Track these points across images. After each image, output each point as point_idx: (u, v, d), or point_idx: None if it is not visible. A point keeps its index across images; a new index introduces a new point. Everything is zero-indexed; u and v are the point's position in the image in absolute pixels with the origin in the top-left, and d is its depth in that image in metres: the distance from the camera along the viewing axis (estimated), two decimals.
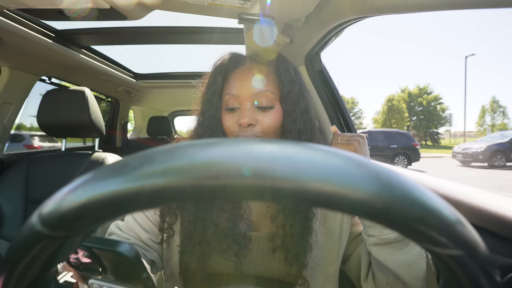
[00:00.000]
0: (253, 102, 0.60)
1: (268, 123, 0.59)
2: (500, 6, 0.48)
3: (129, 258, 0.29)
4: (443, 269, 0.17)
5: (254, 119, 0.59)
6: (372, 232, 0.52)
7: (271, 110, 0.60)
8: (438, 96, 36.87)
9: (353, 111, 40.66)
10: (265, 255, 0.60)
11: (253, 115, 0.59)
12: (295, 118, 0.61)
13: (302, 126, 0.61)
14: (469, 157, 11.21)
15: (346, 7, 0.74)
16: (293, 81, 0.62)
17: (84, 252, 0.31)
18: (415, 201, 0.15)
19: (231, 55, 0.66)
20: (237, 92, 0.60)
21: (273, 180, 0.15)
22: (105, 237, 0.60)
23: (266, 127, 0.59)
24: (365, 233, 0.54)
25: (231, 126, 0.61)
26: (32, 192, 1.34)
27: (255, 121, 0.59)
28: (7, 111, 1.45)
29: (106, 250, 0.30)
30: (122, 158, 0.19)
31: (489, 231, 0.56)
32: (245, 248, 0.58)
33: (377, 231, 0.51)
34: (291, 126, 0.61)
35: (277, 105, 0.61)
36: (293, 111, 0.61)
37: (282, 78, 0.61)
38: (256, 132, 0.59)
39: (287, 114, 0.61)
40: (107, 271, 0.32)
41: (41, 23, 1.24)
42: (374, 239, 0.51)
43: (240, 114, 0.59)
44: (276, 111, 0.60)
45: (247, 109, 0.59)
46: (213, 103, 0.63)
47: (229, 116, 0.61)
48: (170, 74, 2.38)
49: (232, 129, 0.60)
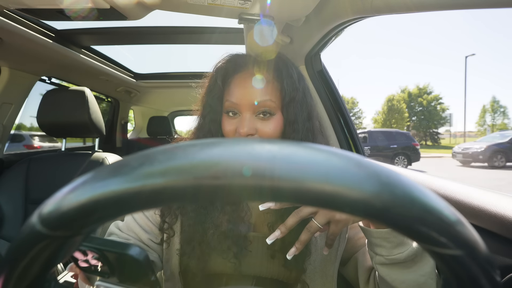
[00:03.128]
0: (253, 111, 0.58)
1: (268, 132, 0.58)
2: (500, 6, 0.48)
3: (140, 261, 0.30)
4: (443, 269, 0.17)
5: (254, 129, 0.58)
6: (380, 251, 0.47)
7: (271, 118, 0.58)
8: (438, 96, 36.88)
9: (353, 111, 40.65)
10: (264, 257, 0.60)
11: (253, 125, 0.58)
12: (297, 128, 0.59)
13: (305, 135, 0.60)
14: (469, 157, 11.20)
15: (346, 7, 0.74)
16: (296, 89, 0.60)
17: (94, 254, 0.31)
18: (415, 201, 0.15)
19: (232, 57, 0.64)
20: (237, 100, 0.59)
21: (273, 180, 0.15)
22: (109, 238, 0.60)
23: (266, 136, 0.58)
24: (372, 251, 0.49)
25: (230, 132, 0.60)
26: (32, 192, 1.34)
27: (254, 130, 0.58)
28: (7, 111, 1.45)
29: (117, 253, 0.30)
30: (122, 158, 0.19)
31: (489, 231, 0.56)
32: (245, 249, 0.58)
33: (385, 251, 0.47)
34: (293, 135, 0.59)
35: (278, 113, 0.59)
36: (295, 120, 0.59)
37: (284, 86, 0.59)
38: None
39: (289, 123, 0.59)
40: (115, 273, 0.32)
41: (41, 23, 1.24)
42: (382, 259, 0.47)
43: (240, 122, 0.58)
44: (276, 119, 0.59)
45: (247, 119, 0.58)
46: (213, 107, 0.62)
47: (229, 122, 0.60)
48: (170, 74, 2.38)
49: (231, 135, 0.60)
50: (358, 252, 0.62)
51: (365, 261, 0.59)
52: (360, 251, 0.61)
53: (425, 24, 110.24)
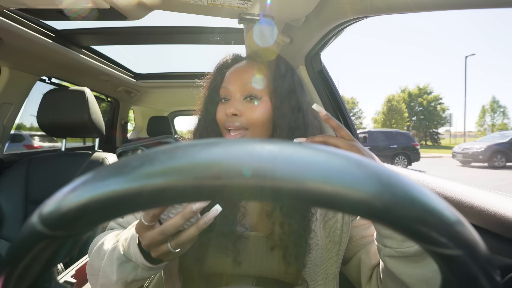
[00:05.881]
0: (241, 94, 0.62)
1: (253, 114, 0.61)
2: (500, 6, 0.48)
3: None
4: (443, 269, 0.17)
5: (239, 110, 0.60)
6: (390, 243, 0.47)
7: (258, 102, 0.62)
8: (438, 96, 36.88)
9: (353, 111, 40.66)
10: (263, 255, 0.60)
11: (239, 106, 0.61)
12: (284, 113, 0.62)
13: (294, 123, 0.62)
14: (469, 157, 11.20)
15: (346, 7, 0.74)
16: (283, 76, 0.64)
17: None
18: (416, 201, 0.15)
19: (233, 56, 0.70)
20: (228, 84, 0.64)
21: (273, 180, 0.15)
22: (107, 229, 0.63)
23: (251, 119, 0.61)
24: (380, 243, 0.50)
25: (221, 118, 0.63)
26: (32, 192, 1.34)
27: (239, 112, 0.60)
28: (7, 111, 1.45)
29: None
30: (122, 158, 0.19)
31: (489, 231, 0.56)
32: (243, 247, 0.58)
33: (395, 243, 0.47)
34: (280, 121, 0.61)
35: (265, 98, 0.62)
36: (282, 105, 0.62)
37: (272, 72, 0.64)
38: (241, 123, 0.61)
39: (276, 108, 0.62)
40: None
41: (41, 23, 1.24)
42: (391, 251, 0.47)
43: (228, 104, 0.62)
44: (263, 103, 0.62)
45: (235, 100, 0.62)
46: (212, 98, 0.67)
47: (220, 107, 0.64)
48: (170, 74, 2.38)
49: (222, 120, 0.63)
50: (361, 251, 0.62)
51: (368, 259, 0.59)
52: (363, 250, 0.61)
53: (425, 24, 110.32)
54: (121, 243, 0.49)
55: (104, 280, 0.49)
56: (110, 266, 0.48)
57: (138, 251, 0.46)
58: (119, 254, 0.48)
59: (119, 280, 0.47)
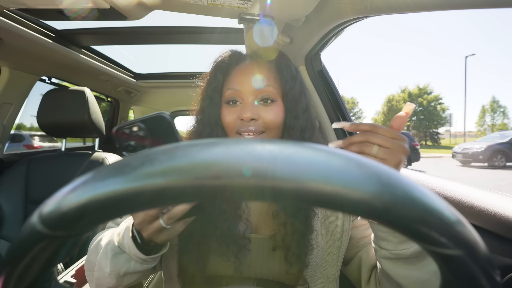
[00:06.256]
0: (255, 97, 0.59)
1: (270, 117, 0.59)
2: (500, 6, 0.48)
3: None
4: (443, 269, 0.17)
5: (257, 114, 0.58)
6: (386, 245, 0.47)
7: (273, 105, 0.59)
8: (438, 96, 36.88)
9: (353, 111, 40.66)
10: (264, 256, 0.59)
11: (256, 110, 0.58)
12: (297, 115, 0.60)
13: (304, 123, 0.61)
14: (469, 157, 11.20)
15: (346, 7, 0.74)
16: (295, 78, 0.62)
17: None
18: (416, 201, 0.15)
19: (232, 52, 0.66)
20: (238, 86, 0.59)
21: (274, 180, 0.15)
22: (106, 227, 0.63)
23: (268, 122, 0.59)
24: (377, 244, 0.50)
25: (231, 121, 0.59)
26: (32, 192, 1.34)
27: (257, 115, 0.58)
28: (7, 111, 1.45)
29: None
30: (122, 158, 0.19)
31: (489, 231, 0.56)
32: (245, 249, 0.58)
33: (390, 245, 0.47)
34: (294, 122, 0.60)
35: (278, 100, 0.61)
36: (295, 107, 0.61)
37: (284, 74, 0.61)
38: (259, 127, 0.58)
39: (289, 110, 0.61)
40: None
41: (41, 23, 1.24)
42: (386, 253, 0.47)
43: (242, 108, 0.59)
44: (278, 106, 0.60)
45: (249, 104, 0.58)
46: (213, 99, 0.63)
47: (229, 111, 0.60)
48: (170, 74, 2.38)
49: (232, 124, 0.59)
50: (362, 251, 0.62)
51: (368, 259, 0.59)
52: (364, 250, 0.61)
53: (425, 24, 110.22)
54: (116, 235, 0.50)
55: (99, 273, 0.50)
56: (104, 259, 0.49)
57: (131, 241, 0.46)
58: (113, 245, 0.48)
59: (112, 272, 0.48)
